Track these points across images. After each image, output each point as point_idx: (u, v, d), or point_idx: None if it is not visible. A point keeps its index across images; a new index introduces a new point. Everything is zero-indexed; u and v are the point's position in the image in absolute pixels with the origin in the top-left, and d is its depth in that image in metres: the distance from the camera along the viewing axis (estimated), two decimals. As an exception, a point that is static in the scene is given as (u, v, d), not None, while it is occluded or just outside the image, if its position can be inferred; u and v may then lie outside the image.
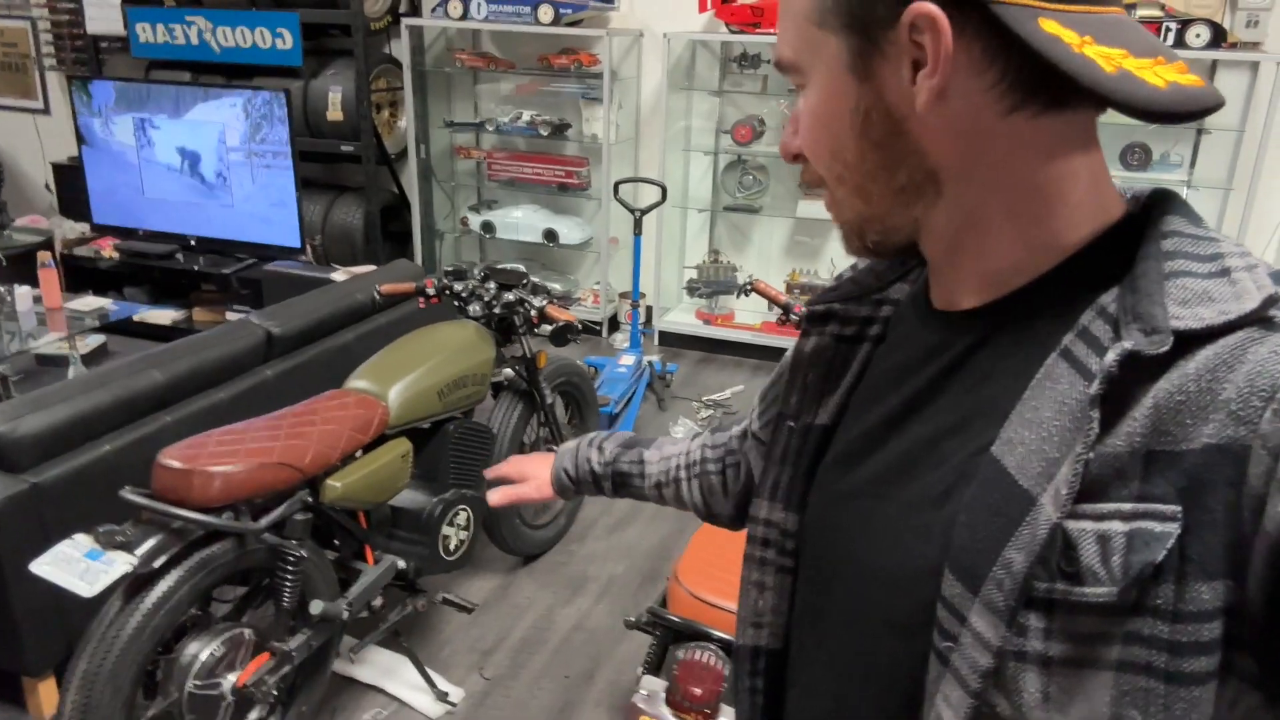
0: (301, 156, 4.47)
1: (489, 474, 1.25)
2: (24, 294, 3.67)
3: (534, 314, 2.65)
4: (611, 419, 3.79)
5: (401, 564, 2.37)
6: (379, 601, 2.34)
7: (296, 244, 4.52)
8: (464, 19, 4.68)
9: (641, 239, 4.16)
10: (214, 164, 4.55)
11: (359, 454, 2.22)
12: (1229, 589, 0.50)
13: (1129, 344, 0.52)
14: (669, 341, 4.95)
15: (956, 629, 0.57)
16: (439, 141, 5.28)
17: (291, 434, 2.05)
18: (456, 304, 2.74)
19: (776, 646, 0.79)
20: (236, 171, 4.52)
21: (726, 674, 1.58)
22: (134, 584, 1.82)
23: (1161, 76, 0.55)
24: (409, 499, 2.42)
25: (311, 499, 2.09)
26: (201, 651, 1.92)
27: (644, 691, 1.64)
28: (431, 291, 2.68)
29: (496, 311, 2.69)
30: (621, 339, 4.92)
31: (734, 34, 4.37)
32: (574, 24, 4.61)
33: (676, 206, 4.83)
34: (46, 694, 2.26)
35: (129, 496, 1.85)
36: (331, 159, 5.13)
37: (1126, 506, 0.52)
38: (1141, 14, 3.79)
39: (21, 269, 4.38)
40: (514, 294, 2.68)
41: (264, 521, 1.95)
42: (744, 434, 1.00)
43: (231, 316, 4.48)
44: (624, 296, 5.07)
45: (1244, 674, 0.52)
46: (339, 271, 3.88)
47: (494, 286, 2.71)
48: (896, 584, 0.63)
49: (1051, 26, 0.54)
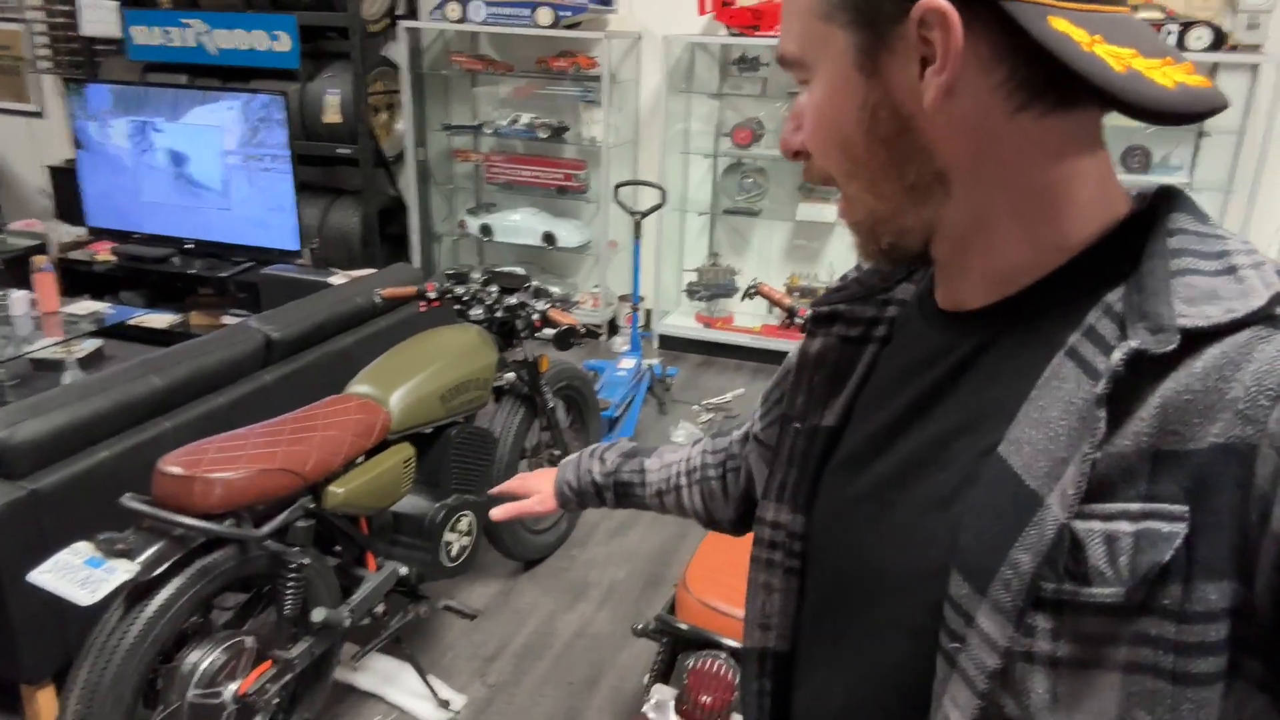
0: (298, 159, 4.45)
1: (494, 492, 1.26)
2: (20, 298, 3.65)
3: (537, 318, 2.63)
4: (612, 423, 3.78)
5: (403, 570, 2.35)
6: (381, 608, 2.32)
7: (294, 247, 4.50)
8: (462, 21, 4.66)
9: (641, 242, 4.15)
10: (211, 167, 4.53)
11: (361, 459, 2.20)
12: (1236, 590, 0.50)
13: (1135, 343, 0.52)
14: (669, 345, 4.93)
15: (964, 630, 0.57)
16: (437, 144, 5.27)
17: (293, 440, 2.03)
18: (458, 308, 2.71)
19: (784, 648, 0.79)
20: (234, 175, 4.50)
21: (737, 682, 1.57)
22: (135, 592, 1.80)
23: (1170, 77, 0.55)
24: (411, 504, 2.40)
25: (313, 505, 2.07)
26: (203, 660, 1.89)
27: (654, 699, 1.63)
28: (433, 295, 2.66)
29: (499, 315, 2.66)
30: (621, 342, 4.90)
31: (733, 37, 4.36)
32: (572, 26, 4.59)
33: (676, 209, 4.81)
34: (45, 702, 2.23)
35: (129, 504, 1.83)
36: (329, 162, 5.11)
37: (1134, 507, 0.51)
38: (1143, 16, 3.78)
39: (17, 273, 4.34)
40: (516, 298, 2.66)
41: (266, 528, 1.93)
42: (745, 438, 1.00)
43: (228, 320, 4.46)
44: (623, 299, 5.06)
45: (1251, 676, 0.52)
46: (337, 275, 3.86)
47: (496, 290, 2.69)
48: (904, 585, 0.63)
49: (1061, 24, 0.53)
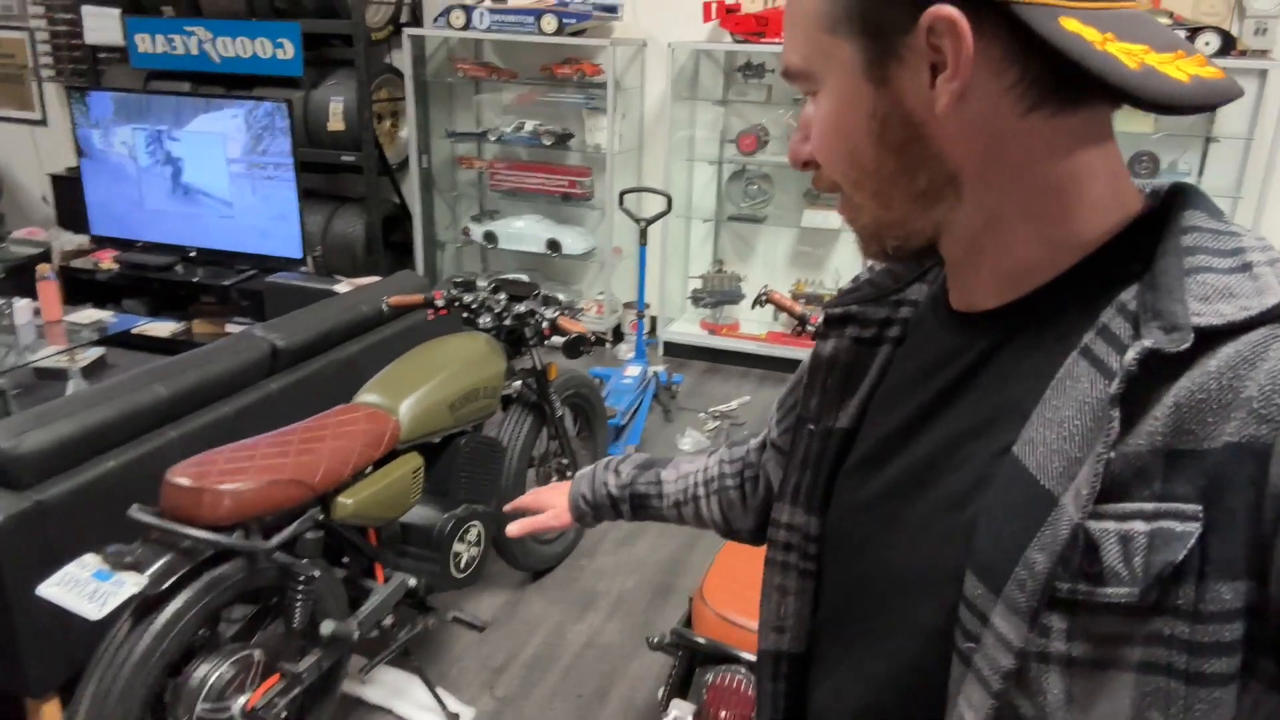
0: (302, 167, 4.43)
1: (508, 508, 1.24)
2: (23, 307, 3.63)
3: (545, 326, 2.61)
4: (618, 431, 3.75)
5: (412, 582, 2.32)
6: (389, 620, 2.30)
7: (298, 255, 4.48)
8: (466, 29, 4.65)
9: (647, 249, 4.13)
10: (214, 175, 4.51)
11: (370, 470, 2.18)
12: (1250, 589, 0.50)
13: (1149, 342, 0.52)
14: (673, 352, 4.91)
15: (979, 630, 0.57)
16: (441, 152, 5.25)
17: (302, 450, 2.00)
18: (465, 316, 2.69)
19: (799, 650, 0.79)
20: (237, 183, 4.49)
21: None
22: (143, 605, 1.77)
23: (1184, 70, 0.55)
24: (420, 515, 2.37)
25: (322, 516, 2.05)
26: (211, 674, 1.87)
27: (672, 715, 1.60)
28: (440, 303, 2.64)
29: (507, 323, 2.64)
30: (626, 349, 4.89)
31: (738, 43, 4.34)
32: (577, 34, 4.58)
33: (680, 216, 4.80)
34: (50, 716, 2.20)
35: (137, 516, 1.81)
36: (332, 169, 5.10)
37: (1148, 506, 0.51)
38: (1149, 22, 3.78)
39: (20, 281, 4.33)
40: (525, 305, 2.64)
41: (275, 540, 1.90)
42: (762, 445, 0.99)
43: (232, 329, 4.43)
44: (627, 307, 5.04)
45: (1265, 676, 0.51)
46: (342, 283, 3.84)
47: (504, 298, 2.67)
48: (919, 586, 0.63)
49: (1073, 25, 0.53)
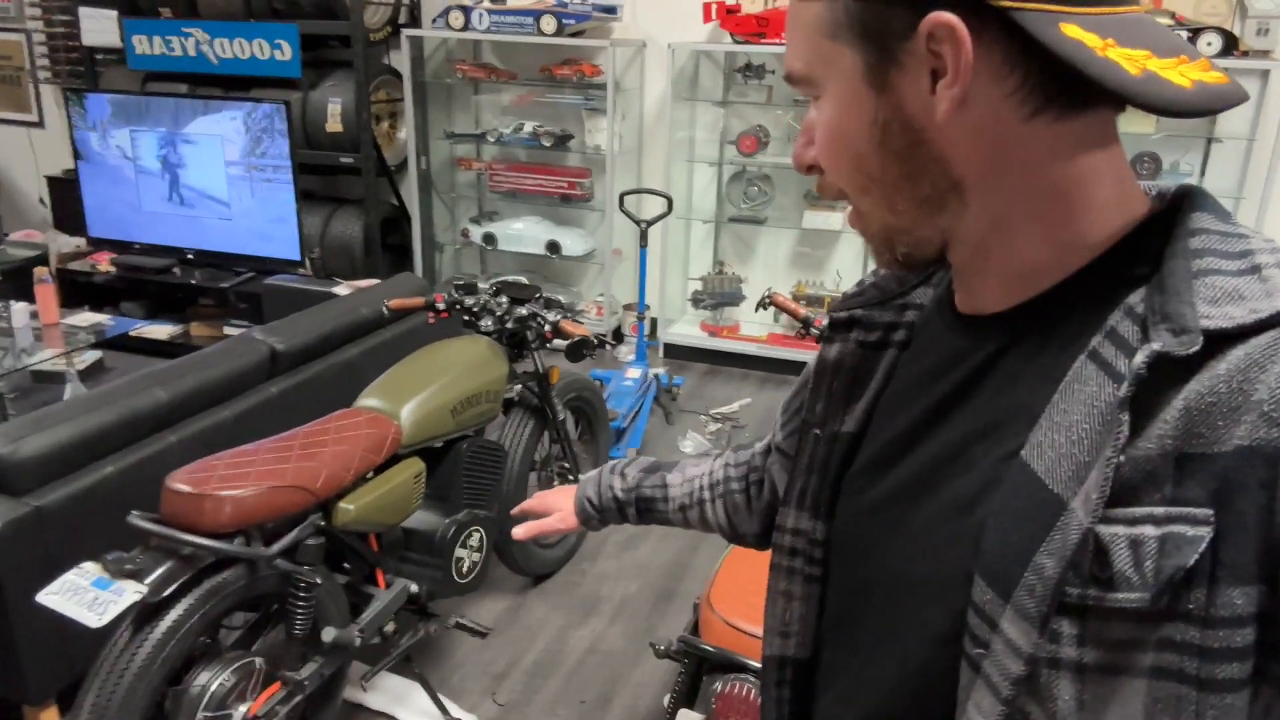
0: (300, 168, 4.41)
1: (515, 511, 1.23)
2: (20, 310, 3.61)
3: (548, 329, 2.59)
4: (619, 434, 3.73)
5: (414, 587, 2.30)
6: (391, 626, 2.28)
7: (296, 257, 4.46)
8: (465, 30, 4.63)
9: (647, 250, 4.11)
10: (212, 177, 4.49)
11: (371, 475, 2.16)
12: (1262, 594, 0.49)
13: (1158, 345, 0.51)
14: (674, 354, 4.90)
15: (988, 636, 0.57)
16: (439, 153, 5.23)
17: (303, 455, 1.99)
18: (466, 319, 2.67)
19: (804, 656, 0.78)
20: (235, 185, 4.46)
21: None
22: (143, 613, 1.75)
23: (1186, 75, 0.54)
24: (421, 520, 2.35)
25: (324, 523, 2.03)
26: (212, 682, 1.85)
27: (680, 724, 1.59)
28: (441, 306, 2.62)
29: (509, 326, 2.62)
30: (626, 351, 4.87)
31: (738, 44, 4.33)
32: (576, 35, 4.56)
33: (681, 218, 4.78)
34: (48, 723, 2.19)
35: (137, 522, 1.79)
36: (330, 171, 5.08)
37: (1159, 510, 0.51)
38: (1151, 23, 3.77)
39: (17, 284, 4.30)
40: (527, 309, 2.62)
41: (276, 547, 1.88)
42: (767, 449, 0.98)
43: (230, 331, 4.41)
44: (627, 308, 5.02)
45: (1276, 682, 0.51)
46: (341, 285, 3.82)
47: (506, 301, 2.65)
48: (928, 591, 0.62)
49: (1073, 31, 0.53)
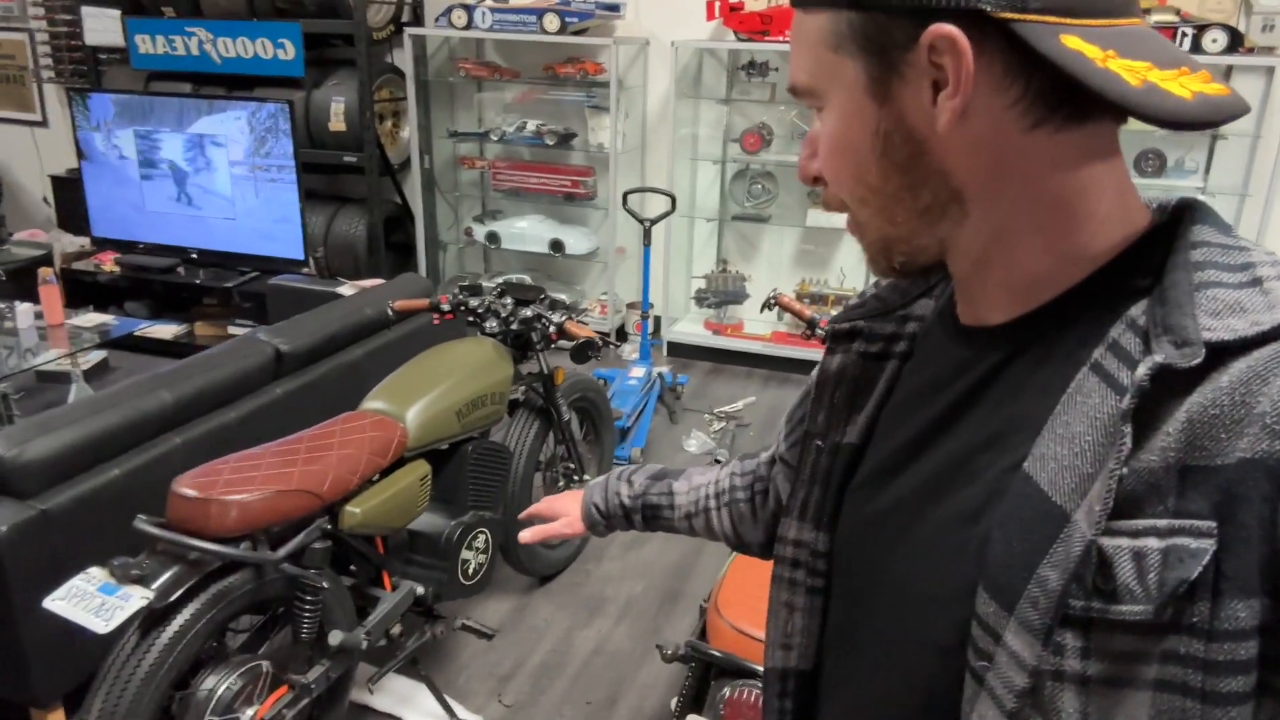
0: (303, 167, 4.41)
1: (522, 516, 1.24)
2: (24, 310, 3.61)
3: (553, 330, 2.59)
4: (623, 433, 3.74)
5: (420, 589, 2.30)
6: (397, 629, 2.28)
7: (300, 256, 4.46)
8: (468, 28, 4.62)
9: (651, 249, 4.11)
10: (215, 176, 4.49)
11: (377, 478, 2.16)
12: (1265, 607, 0.49)
13: (1160, 357, 0.51)
14: (677, 352, 4.89)
15: (992, 648, 0.56)
16: (442, 152, 5.23)
17: (309, 459, 1.98)
18: (471, 320, 2.67)
19: (806, 667, 0.78)
20: (239, 184, 4.46)
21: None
22: (150, 618, 1.75)
23: (1187, 87, 0.55)
24: (427, 523, 2.35)
25: (330, 526, 2.03)
26: (219, 686, 1.85)
27: (688, 729, 1.59)
28: (446, 308, 2.62)
29: (514, 328, 2.62)
30: (630, 350, 4.86)
31: (742, 42, 4.32)
32: (579, 32, 4.55)
33: (684, 216, 4.78)
34: (55, 726, 2.19)
35: (143, 527, 1.79)
36: (334, 170, 5.07)
37: (1162, 523, 0.51)
38: (1156, 19, 3.75)
39: (21, 283, 4.31)
40: (532, 310, 2.61)
41: (282, 551, 1.88)
42: (772, 459, 0.99)
43: (234, 331, 4.42)
44: (631, 307, 5.02)
45: (1279, 695, 0.51)
46: (345, 285, 3.81)
47: (511, 302, 2.64)
48: (931, 602, 0.62)
49: (1074, 42, 0.53)
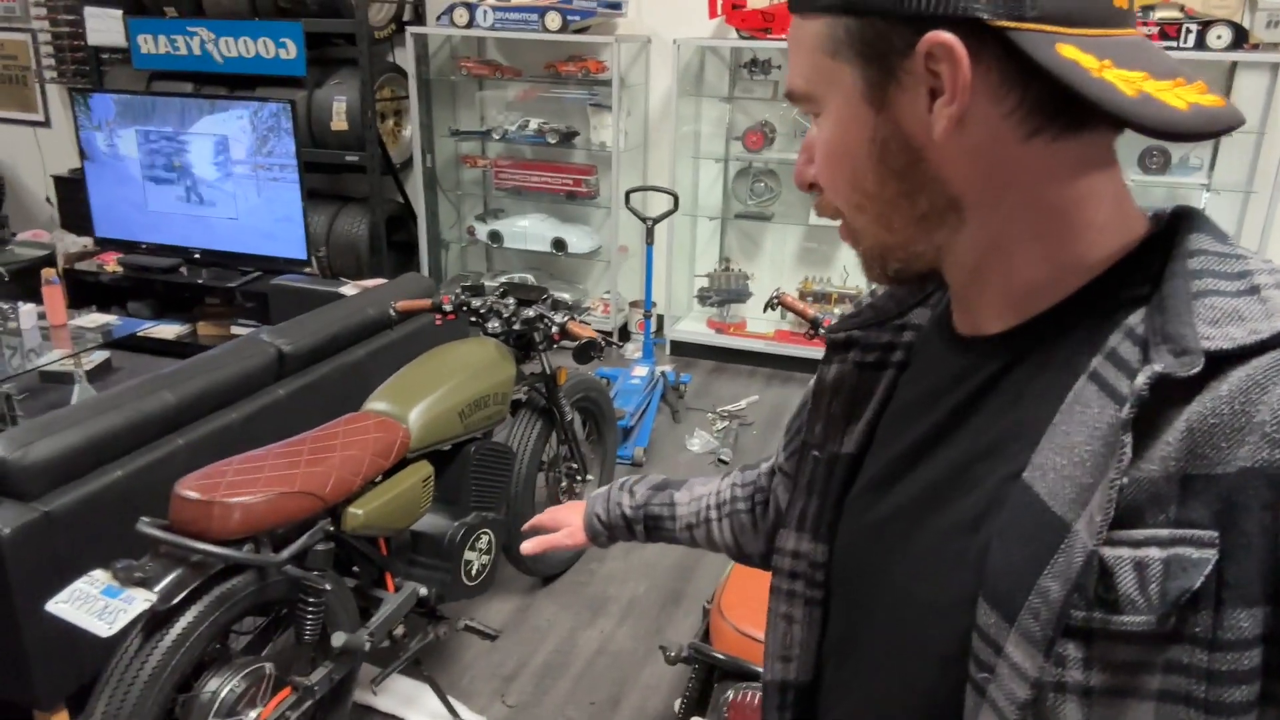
0: (305, 167, 4.41)
1: (525, 528, 1.23)
2: (28, 311, 3.62)
3: (555, 331, 2.58)
4: (626, 432, 3.73)
5: (423, 591, 2.30)
6: (400, 630, 2.28)
7: (302, 256, 4.46)
8: (470, 27, 4.62)
9: (653, 248, 4.10)
10: (218, 176, 4.49)
11: (380, 479, 2.16)
12: (1268, 615, 0.49)
13: (1159, 366, 0.51)
14: (680, 351, 4.89)
15: (993, 660, 0.56)
16: (444, 150, 5.22)
17: (312, 460, 1.98)
18: (473, 320, 2.66)
19: (806, 680, 0.78)
20: (241, 184, 4.46)
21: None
22: (153, 620, 1.75)
23: (1182, 98, 0.55)
24: (430, 524, 2.35)
25: (332, 528, 2.02)
26: (222, 688, 1.85)
27: (691, 732, 1.58)
28: (449, 308, 2.61)
29: (516, 328, 2.61)
30: (633, 349, 4.86)
31: (744, 39, 4.31)
32: (581, 31, 4.55)
33: (687, 214, 4.77)
34: (59, 728, 2.19)
35: (146, 530, 1.79)
36: (335, 169, 5.07)
37: (1163, 533, 0.50)
38: (1161, 15, 3.74)
39: (24, 284, 4.31)
40: (534, 310, 2.60)
41: (285, 553, 1.88)
42: (772, 470, 0.99)
43: (237, 331, 4.42)
44: (633, 305, 5.01)
45: None
46: (348, 285, 3.81)
47: (513, 302, 2.63)
48: (932, 612, 0.62)
49: (1070, 51, 0.53)
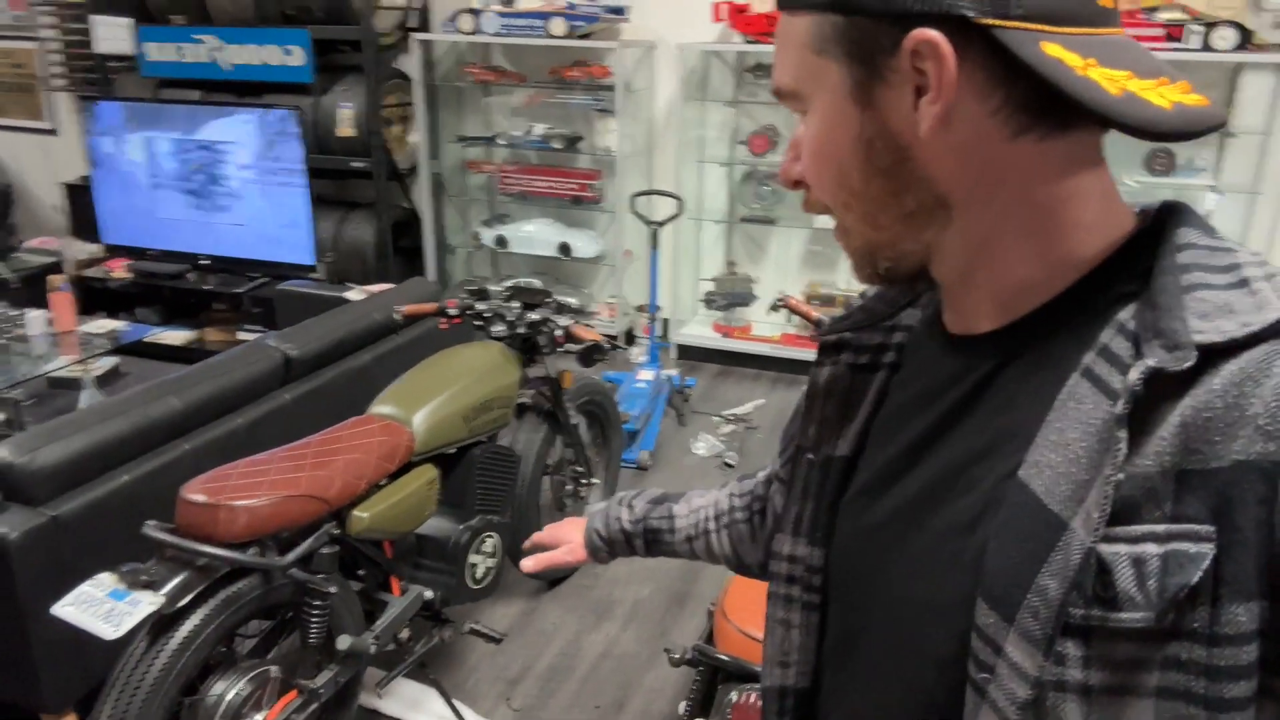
0: (312, 173, 4.43)
1: (527, 545, 1.24)
2: (36, 317, 3.64)
3: (560, 334, 2.59)
4: (631, 436, 3.74)
5: (428, 594, 2.31)
6: (405, 633, 2.28)
7: (309, 262, 4.48)
8: (475, 33, 4.63)
9: (659, 252, 4.10)
10: (225, 183, 4.51)
11: (385, 482, 2.17)
12: (1265, 610, 0.49)
13: (1152, 361, 0.51)
14: (686, 355, 4.89)
15: (992, 660, 0.56)
16: (450, 156, 5.24)
17: (317, 464, 1.99)
18: (478, 324, 2.67)
19: (804, 685, 0.78)
20: (248, 190, 4.48)
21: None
22: (159, 623, 1.76)
23: (1166, 97, 0.55)
24: (435, 527, 2.36)
25: (338, 531, 2.03)
26: (228, 692, 1.86)
27: (695, 734, 1.58)
28: (454, 312, 2.62)
29: (521, 331, 2.62)
30: (638, 353, 4.86)
31: (748, 44, 4.32)
32: (585, 36, 4.56)
33: (691, 218, 4.77)
34: (66, 732, 2.20)
35: (152, 533, 1.80)
36: (342, 175, 5.09)
37: (1160, 528, 0.50)
38: (1164, 16, 3.73)
39: (33, 290, 4.33)
40: (539, 313, 2.61)
41: (291, 556, 1.89)
42: (769, 478, 0.99)
43: (244, 336, 4.44)
44: (639, 310, 5.02)
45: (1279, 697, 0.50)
46: (355, 290, 3.83)
47: (518, 306, 2.64)
48: (930, 614, 0.62)
49: (1055, 50, 0.54)
